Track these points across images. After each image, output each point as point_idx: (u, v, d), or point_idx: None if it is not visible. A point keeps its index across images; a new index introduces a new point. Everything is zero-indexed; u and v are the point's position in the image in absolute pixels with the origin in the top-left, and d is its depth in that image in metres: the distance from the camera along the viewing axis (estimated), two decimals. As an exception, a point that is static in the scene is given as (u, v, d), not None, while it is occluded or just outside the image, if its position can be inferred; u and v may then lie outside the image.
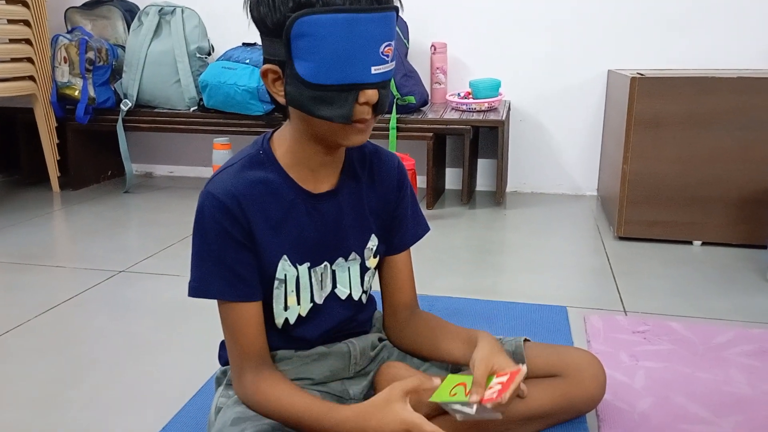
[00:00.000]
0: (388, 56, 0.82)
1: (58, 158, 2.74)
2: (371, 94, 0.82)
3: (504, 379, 0.85)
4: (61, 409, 1.17)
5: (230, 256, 0.88)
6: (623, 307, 1.61)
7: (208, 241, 0.88)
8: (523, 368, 0.86)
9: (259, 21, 0.83)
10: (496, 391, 0.83)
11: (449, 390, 0.88)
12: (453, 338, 0.99)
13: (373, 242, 1.00)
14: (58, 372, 1.30)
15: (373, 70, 0.81)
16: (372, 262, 1.01)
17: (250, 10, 0.84)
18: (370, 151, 1.00)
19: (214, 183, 0.89)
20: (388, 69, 0.83)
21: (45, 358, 1.36)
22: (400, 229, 1.03)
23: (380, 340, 1.08)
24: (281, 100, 0.86)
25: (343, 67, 0.79)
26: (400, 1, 0.85)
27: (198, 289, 0.89)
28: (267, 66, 0.85)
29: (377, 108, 0.85)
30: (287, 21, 0.78)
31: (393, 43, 0.83)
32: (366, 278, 1.01)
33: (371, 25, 0.79)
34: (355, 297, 0.99)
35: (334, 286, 0.97)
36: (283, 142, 0.92)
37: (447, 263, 1.93)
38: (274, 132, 0.95)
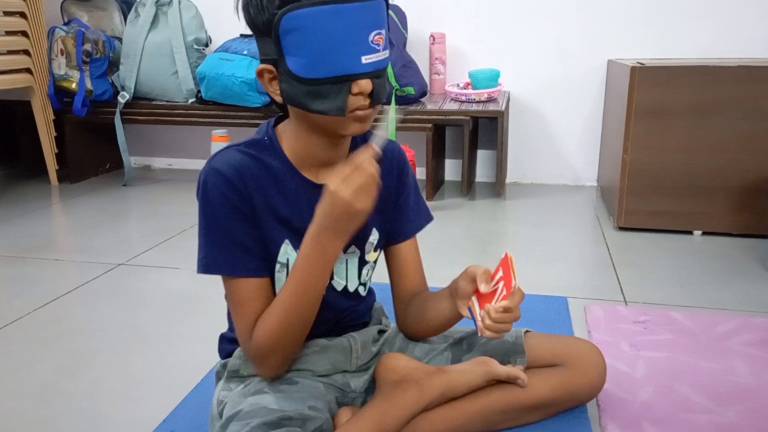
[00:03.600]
0: (379, 45, 0.82)
1: (56, 151, 2.73)
2: (364, 84, 0.82)
3: (501, 273, 0.92)
4: (62, 400, 1.17)
5: (237, 230, 0.87)
6: (624, 298, 1.60)
7: (213, 215, 0.87)
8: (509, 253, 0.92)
9: (251, 23, 0.84)
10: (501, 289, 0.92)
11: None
12: (436, 298, 1.00)
13: (374, 236, 0.99)
14: (58, 364, 1.30)
15: (364, 59, 0.81)
16: (372, 256, 1.00)
17: (243, 14, 0.84)
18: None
19: (216, 159, 0.88)
20: (381, 58, 0.83)
21: (46, 350, 1.35)
22: (402, 218, 1.02)
23: (380, 332, 1.07)
24: (278, 98, 0.86)
25: (332, 58, 0.79)
26: None
27: (207, 264, 0.88)
28: (262, 66, 0.85)
29: (374, 98, 0.84)
30: (275, 18, 0.79)
31: (383, 31, 0.82)
32: (364, 271, 1.00)
33: (358, 14, 0.79)
34: (351, 289, 0.99)
35: (331, 277, 0.96)
36: (287, 137, 0.92)
37: (447, 254, 1.93)
38: (278, 120, 0.95)
